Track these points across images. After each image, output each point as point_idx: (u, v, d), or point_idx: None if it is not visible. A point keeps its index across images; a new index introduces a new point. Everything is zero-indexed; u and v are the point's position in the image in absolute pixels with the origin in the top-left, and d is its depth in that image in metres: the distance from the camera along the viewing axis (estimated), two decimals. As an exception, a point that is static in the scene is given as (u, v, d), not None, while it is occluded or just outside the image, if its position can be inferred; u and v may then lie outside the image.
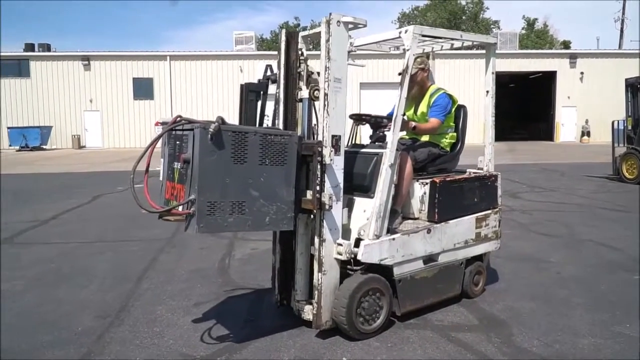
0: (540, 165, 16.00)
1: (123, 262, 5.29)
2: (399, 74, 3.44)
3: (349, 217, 3.50)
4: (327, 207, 3.18)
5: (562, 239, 6.23)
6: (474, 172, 4.16)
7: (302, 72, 3.40)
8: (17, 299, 4.27)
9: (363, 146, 3.98)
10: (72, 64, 28.79)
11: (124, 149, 27.81)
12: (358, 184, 3.65)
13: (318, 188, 3.16)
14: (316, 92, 3.27)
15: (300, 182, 3.24)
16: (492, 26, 47.01)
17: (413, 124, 4.01)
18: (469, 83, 27.19)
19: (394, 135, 3.40)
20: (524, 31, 49.94)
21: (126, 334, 3.51)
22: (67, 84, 28.82)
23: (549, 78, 30.75)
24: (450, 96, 4.11)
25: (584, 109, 29.65)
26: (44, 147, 27.51)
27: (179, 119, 3.03)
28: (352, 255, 3.28)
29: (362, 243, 3.33)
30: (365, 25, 3.29)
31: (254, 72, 27.18)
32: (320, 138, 3.21)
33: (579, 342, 3.32)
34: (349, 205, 3.54)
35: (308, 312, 3.41)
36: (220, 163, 2.90)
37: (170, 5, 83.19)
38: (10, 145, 27.09)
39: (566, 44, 47.10)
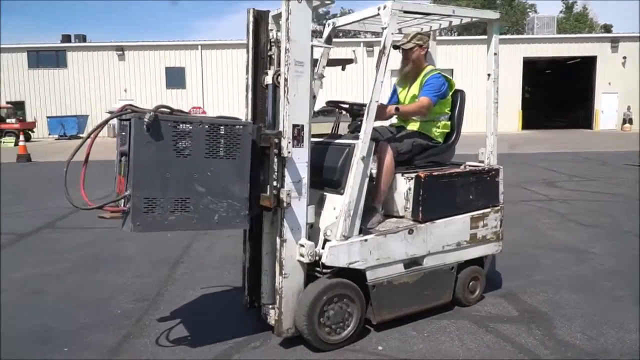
0: (580, 154, 15.46)
1: (159, 248, 5.37)
2: (379, 54, 3.11)
3: (319, 215, 3.21)
4: (285, 204, 2.89)
5: (604, 230, 6.02)
6: (470, 166, 3.73)
7: (273, 56, 3.07)
8: (60, 282, 4.39)
9: (340, 136, 3.68)
10: (107, 54, 29.34)
11: (157, 137, 28.27)
12: (328, 178, 3.31)
13: (275, 184, 2.88)
14: (279, 77, 2.95)
15: (260, 177, 2.97)
16: (528, 10, 45.67)
17: (394, 107, 3.55)
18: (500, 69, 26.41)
19: (366, 124, 3.06)
20: (562, 15, 48.42)
21: (163, 317, 3.57)
22: (102, 74, 29.40)
23: (589, 63, 29.70)
24: (446, 78, 3.66)
25: (626, 96, 28.58)
26: (81, 135, 28.22)
27: (127, 107, 2.73)
28: (316, 258, 2.98)
29: (327, 244, 3.02)
30: (332, 2, 3.04)
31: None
32: (281, 128, 2.91)
33: (626, 337, 3.19)
34: (319, 202, 3.26)
35: (272, 317, 3.11)
36: (159, 156, 2.64)
37: (171, 5, 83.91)
38: (49, 134, 27.91)
39: (607, 28, 45.44)
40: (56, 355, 3.08)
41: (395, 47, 3.58)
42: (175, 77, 29.32)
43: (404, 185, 3.49)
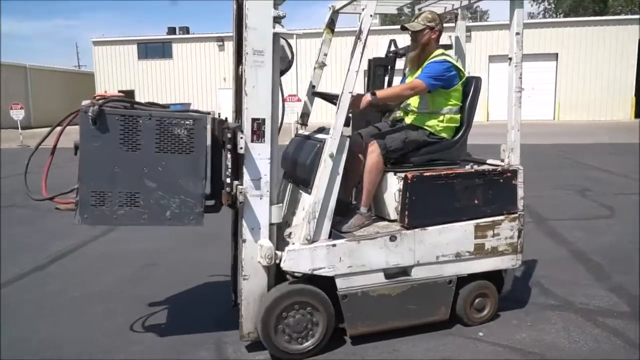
0: None
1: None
2: (355, 40, 2.79)
3: (294, 214, 2.99)
4: (239, 202, 2.74)
5: None
6: (487, 165, 3.33)
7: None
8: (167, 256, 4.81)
9: (322, 130, 3.34)
10: (209, 45, 30.83)
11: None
12: (300, 176, 3.09)
13: (228, 180, 2.75)
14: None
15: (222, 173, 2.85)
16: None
17: (366, 99, 3.08)
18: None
19: (337, 118, 2.78)
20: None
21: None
22: (204, 64, 30.98)
23: None
24: (453, 64, 3.22)
25: None
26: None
27: (96, 97, 2.73)
28: (275, 261, 2.78)
29: (286, 248, 2.80)
30: None
31: (377, 47, 26.92)
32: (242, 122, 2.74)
33: None
34: (297, 202, 3.08)
35: None
36: (106, 150, 2.60)
37: (171, 5, 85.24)
38: (158, 122, 30.02)
39: None
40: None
41: (403, 27, 3.27)
42: (272, 66, 30.18)
43: (395, 186, 3.13)
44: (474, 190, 3.13)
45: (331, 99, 3.12)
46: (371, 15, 2.81)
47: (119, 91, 26.24)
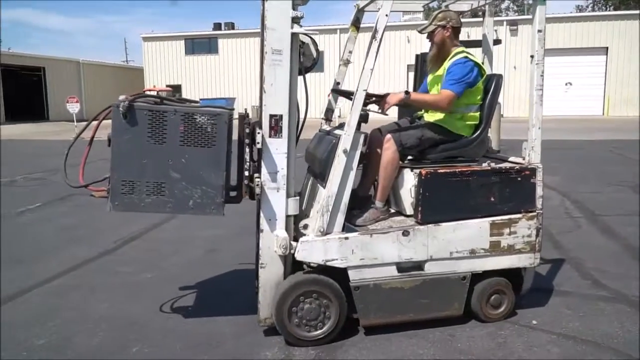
0: None
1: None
2: (371, 38, 2.87)
3: (313, 207, 3.10)
4: (256, 195, 2.89)
5: None
6: (507, 162, 3.35)
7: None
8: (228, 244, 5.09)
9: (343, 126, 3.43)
10: (253, 40, 31.25)
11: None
12: (318, 170, 3.21)
13: (247, 174, 2.91)
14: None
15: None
16: None
17: (403, 92, 3.13)
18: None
19: (351, 115, 2.88)
20: None
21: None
22: (249, 59, 31.50)
23: None
24: (475, 62, 3.23)
25: None
26: (229, 115, 30.69)
27: (140, 94, 2.93)
28: (290, 251, 2.91)
29: (300, 239, 2.92)
30: None
31: (422, 42, 26.64)
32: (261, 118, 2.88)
33: None
34: (315, 195, 3.19)
35: None
36: (135, 142, 2.79)
37: (171, 5, 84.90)
38: (202, 115, 30.79)
39: None
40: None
41: (420, 32, 3.35)
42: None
43: (411, 182, 3.19)
44: (490, 188, 3.15)
45: (349, 96, 3.17)
46: (386, 15, 2.88)
47: (167, 86, 27.05)
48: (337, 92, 3.72)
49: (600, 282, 3.90)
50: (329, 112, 3.93)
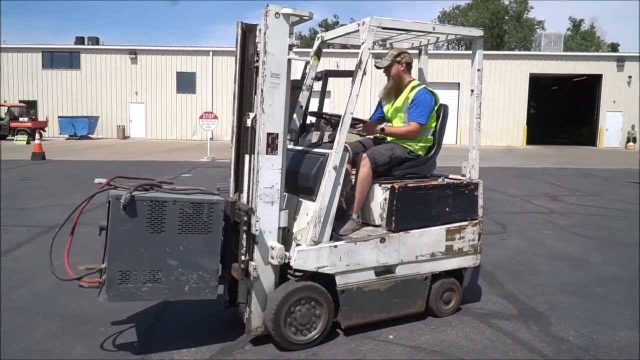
0: (582, 170, 15.65)
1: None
2: (355, 68, 3.21)
3: (294, 220, 3.35)
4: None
5: (602, 242, 6.22)
6: (450, 179, 3.84)
7: (259, 66, 3.12)
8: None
9: (319, 145, 3.79)
10: (120, 58, 29.82)
11: (166, 140, 28.62)
12: (303, 185, 3.44)
13: (243, 258, 2.97)
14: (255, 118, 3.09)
15: (232, 248, 3.07)
16: (536, 26, 46.03)
17: (380, 126, 3.69)
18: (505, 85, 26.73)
19: (340, 136, 3.18)
20: (569, 32, 48.76)
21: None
22: (114, 77, 29.87)
23: (594, 81, 29.97)
24: (433, 93, 3.72)
25: (630, 115, 28.83)
26: (91, 136, 28.54)
27: (115, 178, 2.99)
28: (285, 261, 3.08)
29: (296, 248, 3.12)
30: (310, 18, 3.09)
31: (295, 69, 27.52)
32: (256, 142, 3.02)
33: (616, 335, 3.44)
34: (295, 208, 3.40)
35: (245, 316, 3.22)
36: (133, 232, 2.78)
37: (171, 5, 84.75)
38: (60, 134, 28.26)
39: (614, 47, 45.76)
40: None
41: (377, 67, 3.77)
42: (186, 82, 29.72)
43: (380, 195, 3.57)
44: (446, 200, 3.64)
45: (328, 118, 3.62)
46: (369, 48, 3.22)
47: (20, 101, 24.48)
48: (314, 114, 4.07)
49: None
50: (292, 132, 4.12)
